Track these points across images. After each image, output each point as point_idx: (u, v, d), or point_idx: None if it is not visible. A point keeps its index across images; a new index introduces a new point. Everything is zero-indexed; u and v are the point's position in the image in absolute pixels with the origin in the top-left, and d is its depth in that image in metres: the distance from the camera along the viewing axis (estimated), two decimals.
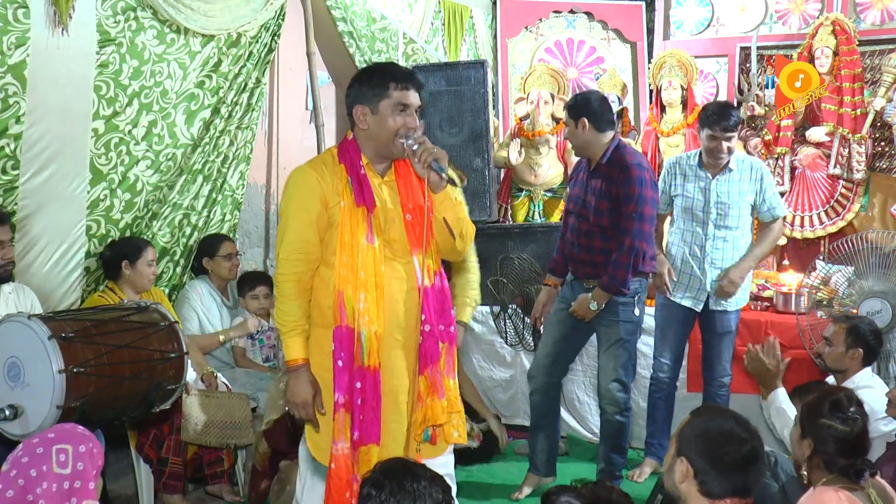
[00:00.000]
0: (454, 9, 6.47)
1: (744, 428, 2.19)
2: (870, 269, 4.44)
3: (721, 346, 4.47)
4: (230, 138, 4.76)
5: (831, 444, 2.65)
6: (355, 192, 2.80)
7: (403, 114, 2.80)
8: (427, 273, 2.87)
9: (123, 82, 4.17)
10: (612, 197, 4.06)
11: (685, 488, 2.18)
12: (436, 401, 2.86)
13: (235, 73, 4.73)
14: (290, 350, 2.82)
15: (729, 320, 4.46)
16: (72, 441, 2.21)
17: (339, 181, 2.81)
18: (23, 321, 2.89)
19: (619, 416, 4.23)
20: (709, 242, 4.40)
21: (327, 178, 2.81)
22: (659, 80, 5.92)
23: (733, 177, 4.38)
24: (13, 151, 3.74)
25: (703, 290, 4.42)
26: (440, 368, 2.88)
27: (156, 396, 3.21)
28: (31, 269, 3.89)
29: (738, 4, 6.38)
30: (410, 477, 2.17)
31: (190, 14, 4.37)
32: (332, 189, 2.80)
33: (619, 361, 4.18)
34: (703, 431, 2.20)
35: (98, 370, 2.95)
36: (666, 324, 4.60)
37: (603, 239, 4.12)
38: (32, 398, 2.84)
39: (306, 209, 2.80)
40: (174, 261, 4.64)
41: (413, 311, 2.84)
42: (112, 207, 4.23)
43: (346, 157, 2.85)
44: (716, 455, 2.15)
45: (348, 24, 5.45)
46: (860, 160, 5.37)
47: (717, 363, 4.48)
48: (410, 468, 2.23)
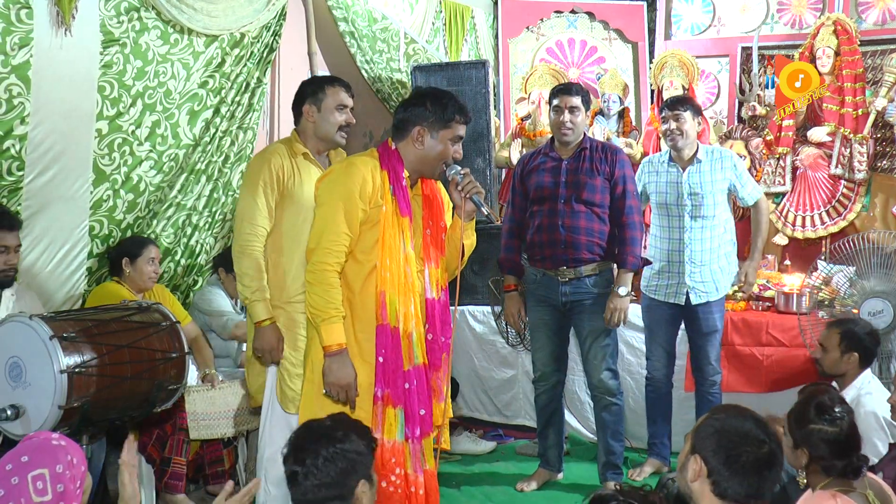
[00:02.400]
0: (455, 9, 6.47)
1: (763, 430, 2.11)
2: (871, 270, 4.43)
3: (707, 345, 4.46)
4: (231, 138, 4.76)
5: (824, 448, 2.63)
6: (399, 203, 2.99)
7: (456, 145, 3.07)
8: (435, 286, 3.10)
9: (127, 83, 4.17)
10: (607, 175, 4.15)
11: (697, 487, 2.11)
12: (436, 405, 3.10)
13: (237, 73, 4.74)
14: (332, 334, 2.91)
15: (713, 318, 4.44)
16: (47, 463, 2.08)
17: (384, 185, 2.98)
18: (24, 321, 2.90)
19: (615, 400, 4.29)
20: (686, 234, 4.39)
21: (377, 180, 2.98)
22: (660, 80, 5.93)
23: (703, 167, 4.40)
24: (18, 152, 3.74)
25: (682, 283, 4.41)
26: (440, 375, 3.12)
27: (157, 396, 3.21)
28: (34, 269, 3.89)
29: (740, 4, 6.38)
30: (325, 441, 2.23)
31: (193, 14, 4.37)
32: (377, 191, 2.97)
33: (608, 350, 4.24)
34: (720, 430, 2.12)
35: (100, 370, 2.95)
36: (654, 324, 4.60)
37: (588, 219, 4.15)
38: (34, 398, 2.84)
39: (355, 205, 2.94)
40: (175, 260, 4.64)
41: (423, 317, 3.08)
42: (115, 208, 4.23)
43: (389, 165, 3.02)
44: (731, 455, 2.07)
45: (349, 24, 5.45)
46: (862, 160, 5.36)
47: (705, 363, 4.47)
48: (321, 432, 2.27)
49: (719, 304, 4.49)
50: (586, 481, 4.49)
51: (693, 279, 4.39)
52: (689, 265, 4.39)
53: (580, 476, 4.60)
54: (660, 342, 4.58)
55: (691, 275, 4.39)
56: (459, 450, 5.13)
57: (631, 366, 5.02)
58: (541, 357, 4.43)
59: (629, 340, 5.02)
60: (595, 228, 4.15)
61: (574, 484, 4.52)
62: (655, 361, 4.60)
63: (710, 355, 4.46)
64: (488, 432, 5.38)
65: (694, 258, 4.39)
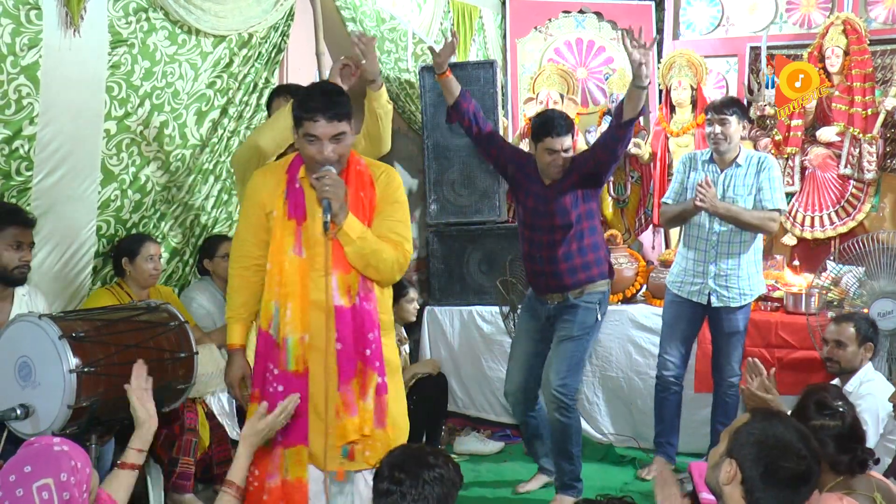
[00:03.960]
0: (463, 9, 6.46)
1: (805, 444, 2.03)
2: (881, 270, 4.43)
3: (728, 346, 4.45)
4: (239, 139, 4.76)
5: (830, 444, 2.61)
6: (288, 204, 2.92)
7: (312, 144, 2.83)
8: (346, 293, 2.92)
9: (135, 83, 4.17)
10: (576, 182, 4.05)
11: (728, 491, 2.05)
12: (348, 419, 2.93)
13: (245, 73, 4.74)
14: (230, 335, 3.11)
15: (736, 320, 4.42)
16: (51, 472, 2.03)
17: (278, 188, 2.95)
18: (34, 321, 2.91)
19: (561, 416, 4.13)
20: (714, 236, 4.37)
21: (273, 187, 2.96)
22: (668, 80, 5.91)
23: (740, 171, 4.37)
24: (27, 152, 3.74)
25: (706, 284, 4.40)
26: (352, 388, 2.94)
27: (165, 396, 3.22)
28: (42, 268, 3.89)
29: (748, 4, 6.36)
30: (425, 466, 2.16)
31: (201, 15, 4.37)
32: (273, 197, 2.95)
33: (566, 358, 4.10)
34: (762, 439, 2.04)
35: (108, 370, 2.95)
36: (674, 320, 4.59)
37: (566, 244, 4.07)
38: (43, 398, 2.85)
39: (251, 213, 3.01)
40: (184, 260, 4.65)
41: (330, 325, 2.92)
42: (122, 208, 4.23)
43: (292, 167, 2.98)
44: (771, 467, 2.00)
45: (357, 24, 5.45)
46: (871, 160, 5.35)
47: (724, 363, 4.46)
48: (421, 456, 2.22)
49: (744, 308, 4.45)
50: (589, 481, 4.46)
51: (717, 283, 4.37)
52: (713, 267, 4.37)
53: (585, 476, 4.59)
54: (676, 339, 4.56)
55: (716, 278, 4.37)
56: (467, 450, 5.14)
57: (639, 366, 5.03)
58: (512, 373, 4.42)
59: (637, 341, 5.02)
60: (573, 249, 4.08)
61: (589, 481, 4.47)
62: (669, 359, 4.57)
63: (730, 356, 4.44)
64: (496, 433, 5.39)
65: (720, 262, 4.36)
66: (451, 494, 2.19)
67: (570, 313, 4.13)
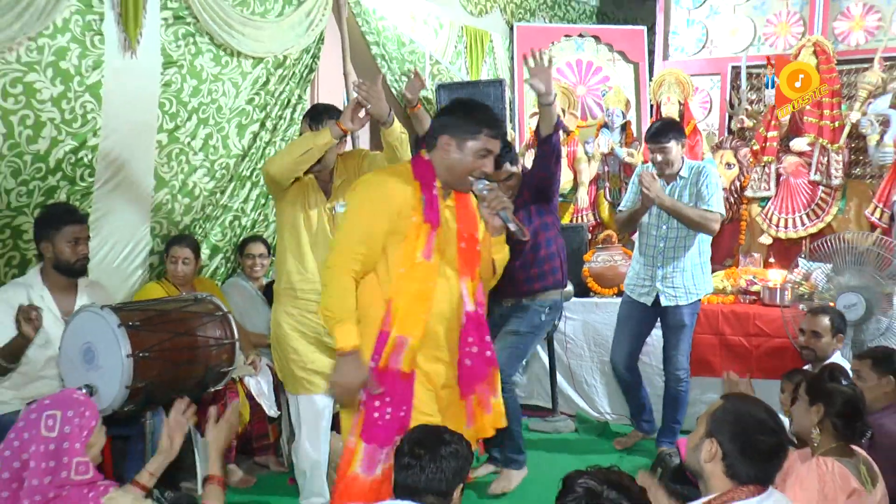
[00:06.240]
0: (476, 34, 6.47)
1: (774, 420, 2.05)
2: (846, 266, 4.40)
3: (674, 339, 4.33)
4: (275, 149, 4.80)
5: (840, 405, 2.56)
6: (426, 209, 2.62)
7: (485, 159, 2.65)
8: (472, 299, 2.72)
9: (184, 100, 4.21)
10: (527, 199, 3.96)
11: (710, 468, 2.04)
12: (485, 416, 2.77)
13: (280, 91, 4.77)
14: (346, 336, 2.58)
15: (682, 314, 4.28)
16: (62, 407, 2.23)
17: (415, 196, 2.63)
18: (96, 311, 2.95)
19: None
20: (661, 242, 4.28)
21: (408, 193, 2.63)
22: (659, 96, 5.92)
23: (683, 182, 4.26)
24: (90, 161, 3.80)
25: (654, 286, 4.31)
26: (485, 388, 2.77)
27: (210, 378, 3.26)
28: (102, 265, 3.95)
29: (730, 28, 6.33)
30: (442, 443, 2.19)
31: (242, 39, 4.41)
32: (408, 203, 2.62)
33: (505, 348, 3.90)
34: (738, 417, 2.04)
35: (161, 355, 2.99)
36: (624, 318, 4.52)
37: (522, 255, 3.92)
38: (104, 379, 2.90)
39: (379, 219, 2.60)
40: (226, 257, 4.68)
41: (455, 331, 2.71)
42: (173, 210, 4.28)
43: (421, 174, 2.66)
44: (749, 442, 2.01)
45: (381, 47, 5.47)
46: (838, 168, 5.32)
47: (671, 355, 4.34)
48: (438, 434, 2.24)
49: (691, 305, 4.31)
50: (585, 455, 4.48)
51: (665, 284, 4.27)
52: (660, 271, 4.28)
53: (588, 451, 4.60)
54: (625, 335, 4.50)
55: (663, 280, 4.28)
56: None
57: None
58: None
59: None
60: (528, 260, 3.95)
61: (587, 454, 4.55)
62: (617, 352, 4.54)
63: (677, 348, 4.32)
64: None
65: (667, 266, 4.26)
66: (465, 468, 2.22)
67: (521, 311, 4.03)
